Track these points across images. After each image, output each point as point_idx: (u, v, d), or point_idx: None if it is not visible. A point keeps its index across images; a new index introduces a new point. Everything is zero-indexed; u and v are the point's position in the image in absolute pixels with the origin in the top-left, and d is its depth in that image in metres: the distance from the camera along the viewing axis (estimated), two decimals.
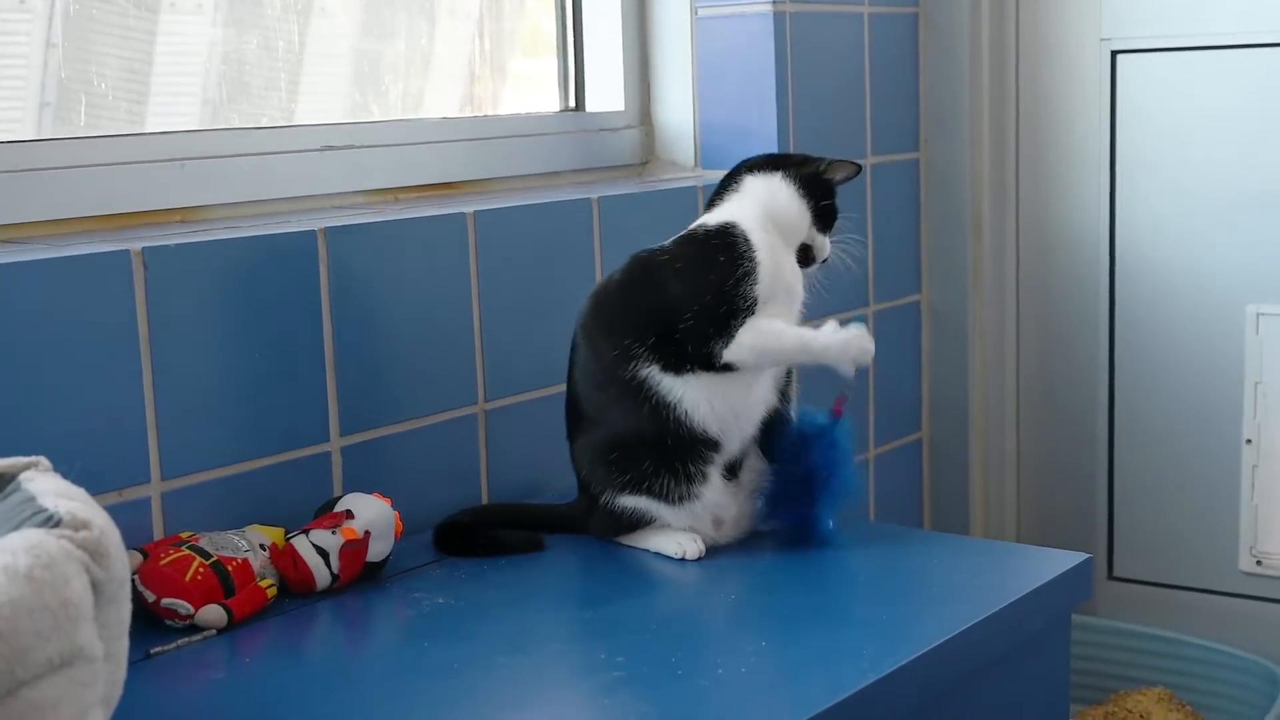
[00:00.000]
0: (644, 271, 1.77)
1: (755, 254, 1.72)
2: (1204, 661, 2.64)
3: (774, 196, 1.79)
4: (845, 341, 1.74)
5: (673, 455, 1.73)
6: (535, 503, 1.94)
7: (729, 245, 1.73)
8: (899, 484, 2.79)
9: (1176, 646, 2.67)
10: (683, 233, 1.80)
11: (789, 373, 1.82)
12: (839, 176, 1.83)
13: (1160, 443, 2.74)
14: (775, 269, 1.74)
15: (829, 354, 1.74)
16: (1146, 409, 2.74)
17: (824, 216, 1.82)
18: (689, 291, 1.72)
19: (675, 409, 1.72)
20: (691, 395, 1.72)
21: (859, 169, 1.85)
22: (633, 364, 1.72)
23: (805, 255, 1.81)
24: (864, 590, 1.69)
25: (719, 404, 1.73)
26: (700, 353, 1.71)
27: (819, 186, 1.81)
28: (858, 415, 2.64)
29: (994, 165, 2.80)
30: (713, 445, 1.75)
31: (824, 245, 1.82)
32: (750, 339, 1.71)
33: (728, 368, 1.72)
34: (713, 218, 1.79)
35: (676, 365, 1.72)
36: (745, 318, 1.70)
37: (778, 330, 1.72)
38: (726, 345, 1.71)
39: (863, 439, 2.69)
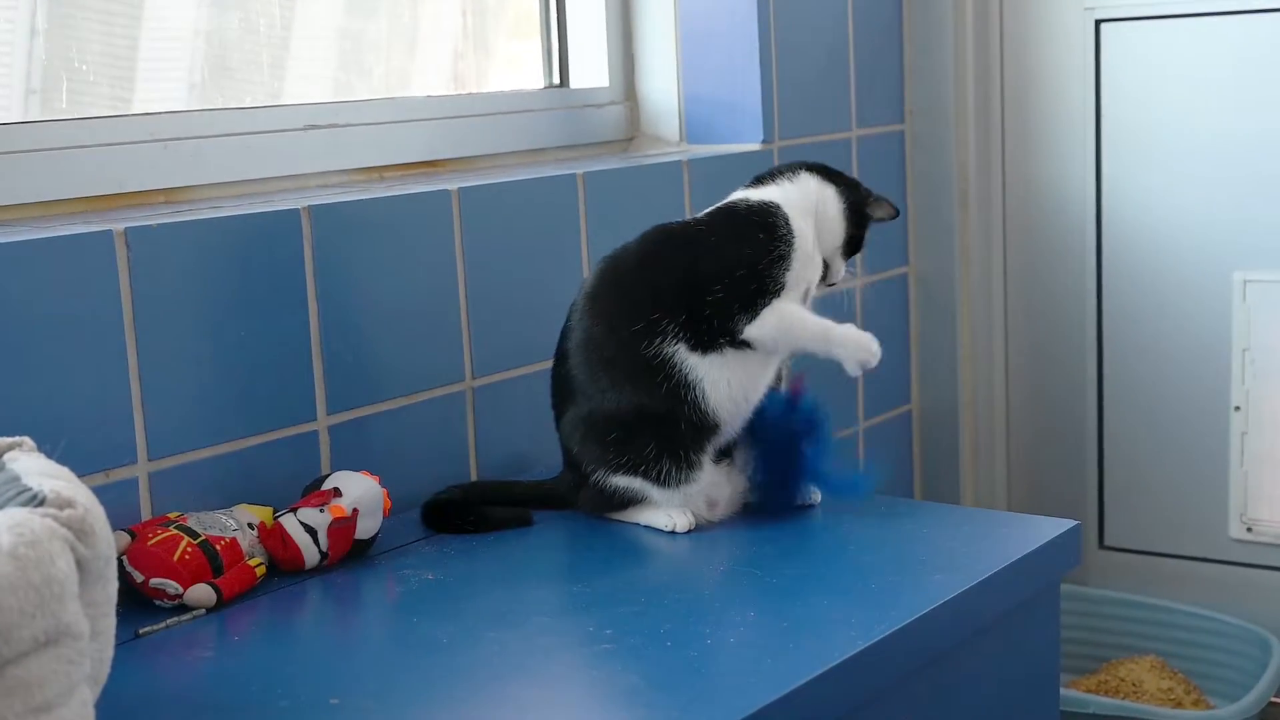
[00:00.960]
0: (674, 243, 1.77)
1: (794, 239, 1.74)
2: (1195, 629, 2.65)
3: (825, 204, 1.81)
4: (860, 340, 1.76)
5: (679, 439, 1.73)
6: (520, 479, 1.94)
7: (769, 225, 1.73)
8: (889, 455, 2.80)
9: (1168, 614, 2.68)
10: (719, 205, 1.80)
11: None
12: (879, 214, 1.85)
13: (1149, 411, 2.74)
14: (806, 258, 1.75)
15: (845, 348, 1.76)
16: (1135, 378, 2.75)
17: (851, 244, 1.83)
18: (722, 263, 1.72)
19: (694, 389, 1.72)
20: (713, 375, 1.72)
21: (897, 213, 1.87)
22: (658, 340, 1.71)
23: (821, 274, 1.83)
24: (853, 560, 1.69)
25: (735, 386, 1.74)
26: (724, 325, 1.72)
27: (859, 215, 1.83)
28: (848, 388, 2.64)
29: (979, 136, 2.79)
30: (715, 429, 1.75)
31: (839, 269, 1.84)
32: (775, 320, 1.72)
33: (745, 344, 1.73)
34: (755, 195, 1.79)
35: (704, 344, 1.72)
36: (772, 299, 1.72)
37: (801, 316, 1.74)
38: (750, 322, 1.72)
39: (852, 412, 2.69)
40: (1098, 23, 2.68)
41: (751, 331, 1.72)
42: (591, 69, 2.51)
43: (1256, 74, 2.57)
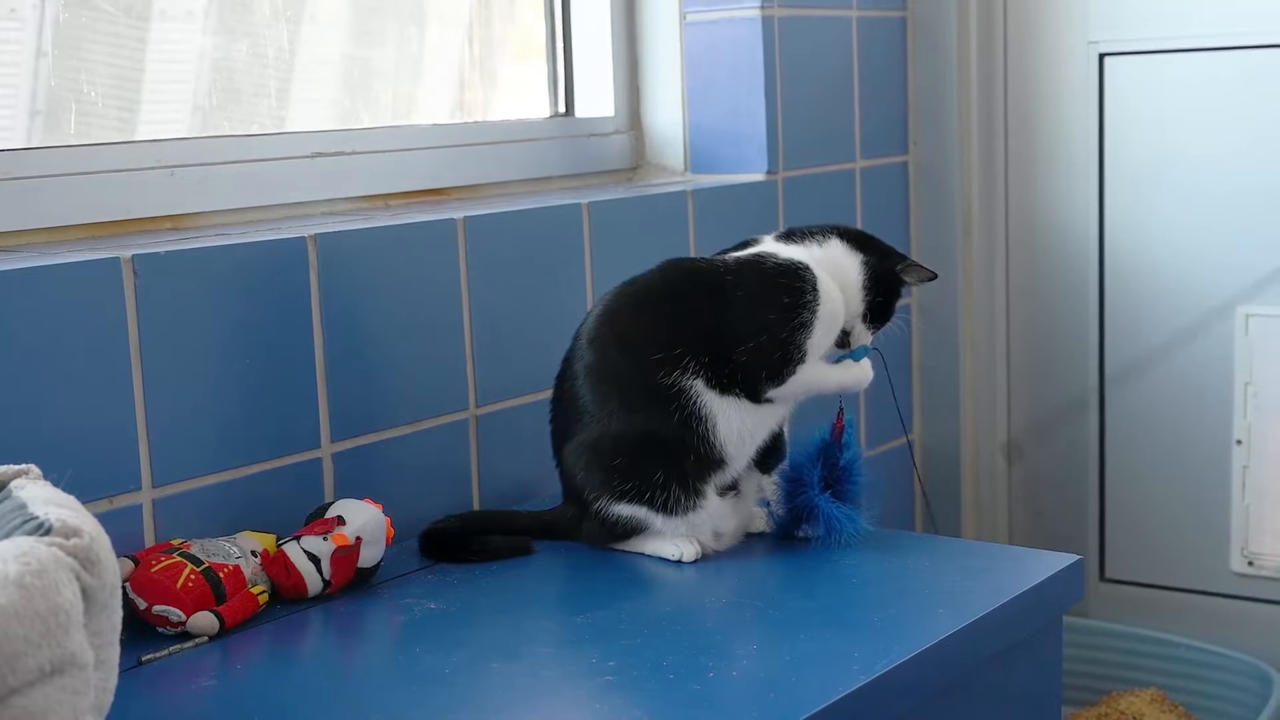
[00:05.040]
0: (702, 285, 1.76)
1: (818, 306, 1.74)
2: (1196, 662, 2.64)
3: (848, 272, 1.80)
4: (862, 377, 1.81)
5: (686, 469, 1.73)
6: (520, 509, 1.94)
7: (795, 289, 1.74)
8: (890, 486, 2.80)
9: (1169, 648, 2.68)
10: (745, 254, 1.80)
11: None
12: (911, 278, 1.83)
13: (1151, 444, 2.74)
14: (831, 320, 1.76)
15: (858, 387, 1.82)
16: (1137, 410, 2.75)
17: (874, 312, 1.82)
18: (747, 325, 1.73)
19: (706, 422, 1.73)
20: (727, 413, 1.74)
21: (934, 276, 1.85)
22: (677, 372, 1.72)
23: (840, 339, 1.82)
24: (856, 593, 1.69)
25: (745, 428, 1.76)
26: (750, 387, 1.74)
27: (884, 285, 1.82)
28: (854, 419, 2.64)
29: (983, 167, 2.80)
30: (721, 464, 1.76)
31: (862, 336, 1.83)
32: (799, 387, 1.75)
33: (768, 401, 1.75)
34: (785, 252, 1.78)
35: (723, 386, 1.73)
36: (797, 366, 1.74)
37: (822, 378, 1.77)
38: (775, 388, 1.74)
39: None
40: (1101, 56, 2.69)
41: (775, 394, 1.75)
42: (597, 98, 2.52)
43: (1259, 108, 2.57)
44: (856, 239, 1.82)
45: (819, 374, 1.76)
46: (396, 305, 1.91)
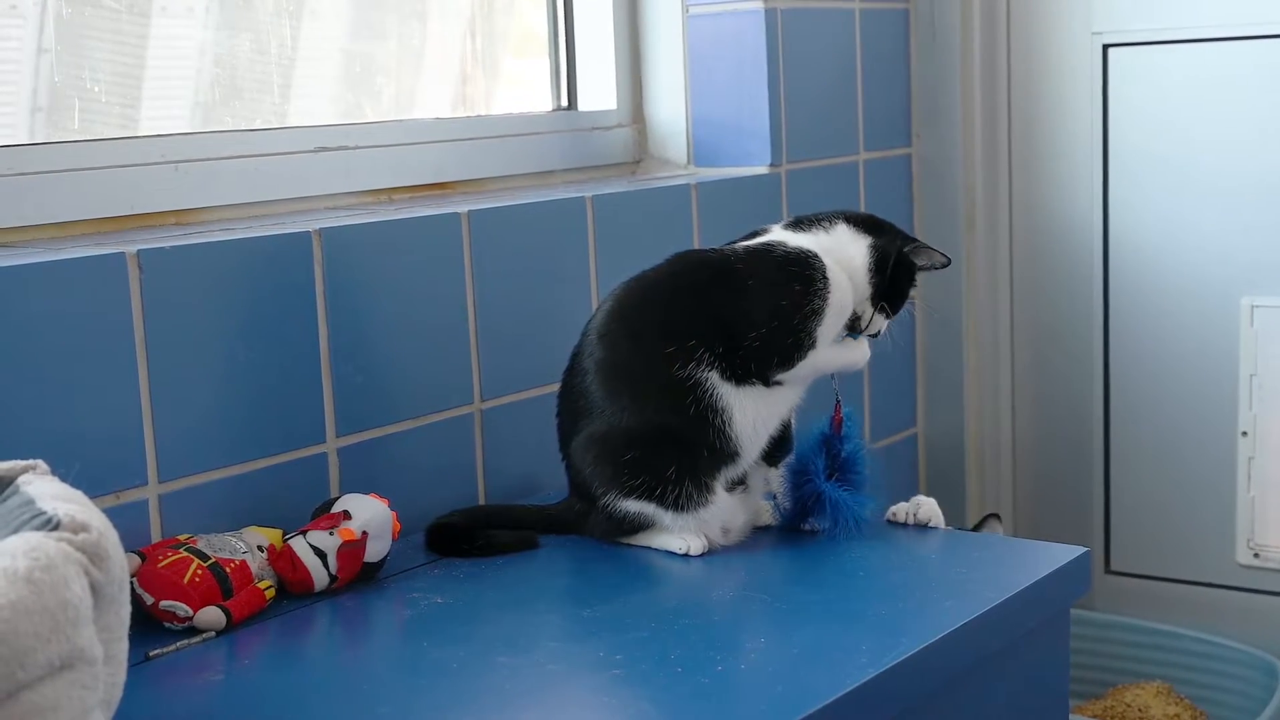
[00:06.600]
0: (711, 274, 1.76)
1: (828, 294, 1.74)
2: (1202, 655, 2.64)
3: (853, 257, 1.79)
4: (860, 357, 1.82)
5: (699, 464, 1.73)
6: (525, 504, 1.93)
7: (806, 276, 1.74)
8: (895, 479, 2.79)
9: (1174, 640, 2.68)
10: (754, 243, 1.80)
11: None
12: (923, 262, 1.83)
13: (1156, 436, 2.74)
14: (840, 309, 1.76)
15: (856, 366, 1.82)
16: (1142, 402, 2.75)
17: (883, 296, 1.81)
18: (758, 313, 1.73)
19: (722, 415, 1.73)
20: (742, 404, 1.74)
21: (948, 261, 1.85)
22: (691, 364, 1.72)
23: (853, 324, 1.81)
24: (862, 586, 1.69)
25: (760, 418, 1.76)
26: (761, 372, 1.74)
27: (894, 267, 1.80)
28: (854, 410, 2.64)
29: (986, 159, 2.80)
30: (735, 457, 1.76)
31: (876, 323, 1.82)
32: (808, 370, 1.76)
33: (777, 383, 1.76)
34: (793, 240, 1.78)
35: (738, 377, 1.73)
36: (808, 352, 1.74)
37: (829, 360, 1.78)
38: (785, 371, 1.75)
39: None
40: (1105, 47, 2.69)
41: (785, 377, 1.75)
42: (599, 91, 2.52)
43: (1264, 98, 2.57)
44: (862, 222, 1.82)
45: (825, 356, 1.77)
46: (401, 299, 1.91)
